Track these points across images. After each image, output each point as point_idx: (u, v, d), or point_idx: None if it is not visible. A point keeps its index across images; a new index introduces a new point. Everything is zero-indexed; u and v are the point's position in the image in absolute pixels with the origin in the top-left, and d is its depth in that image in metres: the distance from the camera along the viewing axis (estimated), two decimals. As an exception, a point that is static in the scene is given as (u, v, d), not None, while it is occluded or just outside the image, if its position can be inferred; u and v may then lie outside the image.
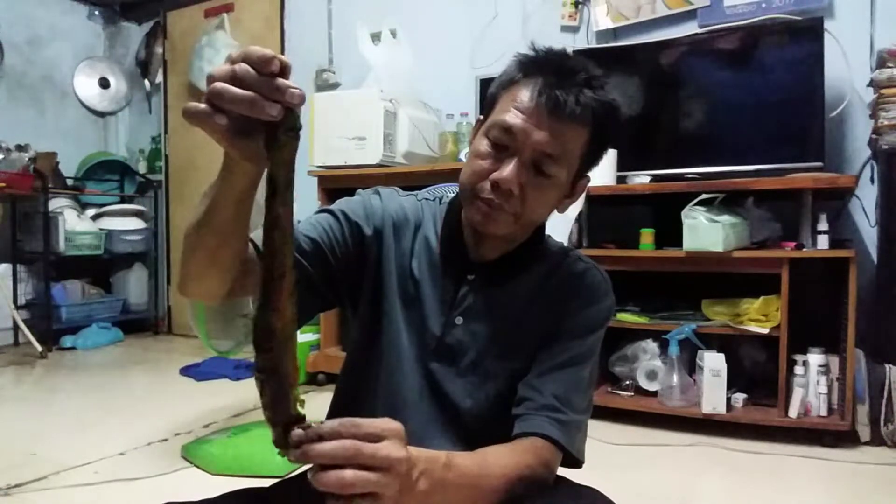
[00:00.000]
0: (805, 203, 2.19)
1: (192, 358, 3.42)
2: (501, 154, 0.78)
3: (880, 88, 2.16)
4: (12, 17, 4.10)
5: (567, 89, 0.75)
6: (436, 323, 0.86)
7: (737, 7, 2.62)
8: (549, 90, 0.75)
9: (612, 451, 2.09)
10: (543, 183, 0.78)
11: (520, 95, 0.77)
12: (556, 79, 0.76)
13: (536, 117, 0.76)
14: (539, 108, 0.75)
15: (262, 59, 0.53)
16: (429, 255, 0.88)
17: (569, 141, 0.77)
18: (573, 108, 0.75)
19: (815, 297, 2.30)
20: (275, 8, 3.88)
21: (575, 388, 0.84)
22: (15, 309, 3.69)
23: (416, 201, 0.93)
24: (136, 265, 4.39)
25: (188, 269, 0.71)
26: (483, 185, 0.78)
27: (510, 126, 0.76)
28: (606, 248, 2.46)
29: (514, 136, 0.76)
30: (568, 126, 0.76)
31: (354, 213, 0.86)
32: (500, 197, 0.77)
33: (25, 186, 3.69)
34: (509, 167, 0.76)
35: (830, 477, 1.90)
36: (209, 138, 0.56)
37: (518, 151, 0.77)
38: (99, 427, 2.36)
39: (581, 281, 0.88)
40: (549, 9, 3.04)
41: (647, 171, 2.54)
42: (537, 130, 0.76)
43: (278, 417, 0.55)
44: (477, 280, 0.86)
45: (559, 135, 0.76)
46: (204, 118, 0.54)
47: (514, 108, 0.77)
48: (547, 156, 0.77)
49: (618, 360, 2.49)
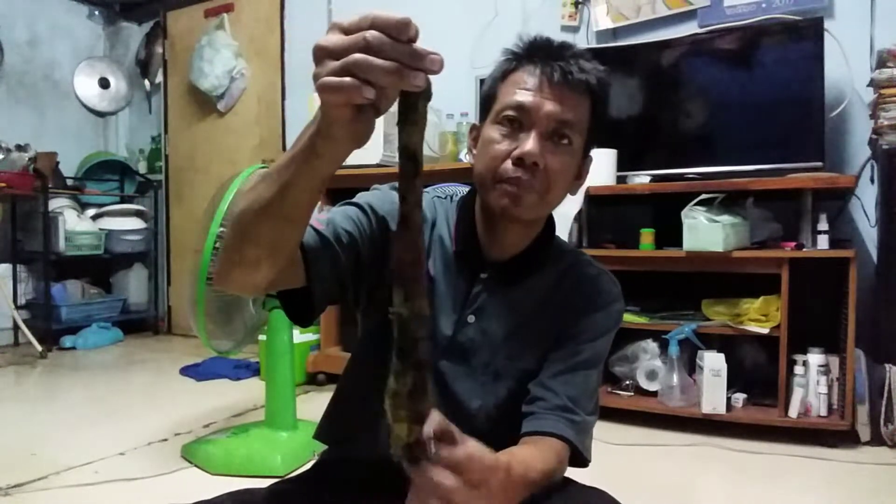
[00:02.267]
0: (805, 203, 2.20)
1: (192, 358, 3.43)
2: (516, 133, 0.79)
3: (880, 88, 2.16)
4: (12, 17, 4.11)
5: (565, 62, 0.78)
6: (448, 322, 0.86)
7: (737, 7, 2.62)
8: (549, 65, 0.78)
9: (612, 451, 2.09)
10: (564, 150, 0.80)
11: (521, 77, 0.79)
12: (552, 57, 0.79)
13: (545, 90, 0.78)
14: (544, 82, 0.78)
15: (401, 26, 0.49)
16: (443, 253, 0.88)
17: (577, 108, 0.79)
18: (577, 77, 0.78)
19: (815, 297, 2.30)
20: (275, 8, 3.88)
21: (585, 391, 0.85)
22: (15, 309, 3.69)
23: (430, 199, 0.92)
24: (136, 265, 4.39)
25: (242, 256, 0.66)
26: (505, 167, 0.78)
27: (521, 103, 0.78)
28: (606, 248, 2.46)
29: (527, 111, 0.78)
30: (574, 94, 0.79)
31: (381, 208, 0.84)
32: (526, 173, 0.78)
33: (25, 186, 3.69)
34: (530, 139, 0.77)
35: (830, 477, 1.90)
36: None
37: (533, 124, 0.78)
38: (99, 427, 2.36)
39: (594, 286, 0.89)
40: (549, 9, 3.04)
41: (647, 171, 2.54)
42: (549, 101, 0.78)
43: (412, 412, 0.54)
44: (490, 279, 0.86)
45: (569, 102, 0.78)
46: (352, 91, 0.49)
47: (519, 89, 0.79)
48: (563, 122, 0.78)
49: (618, 360, 2.49)
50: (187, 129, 4.30)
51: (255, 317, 2.11)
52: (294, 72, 3.82)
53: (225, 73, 3.96)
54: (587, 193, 2.39)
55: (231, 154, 4.05)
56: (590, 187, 2.37)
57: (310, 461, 1.78)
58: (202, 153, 4.21)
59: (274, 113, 3.90)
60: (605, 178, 2.43)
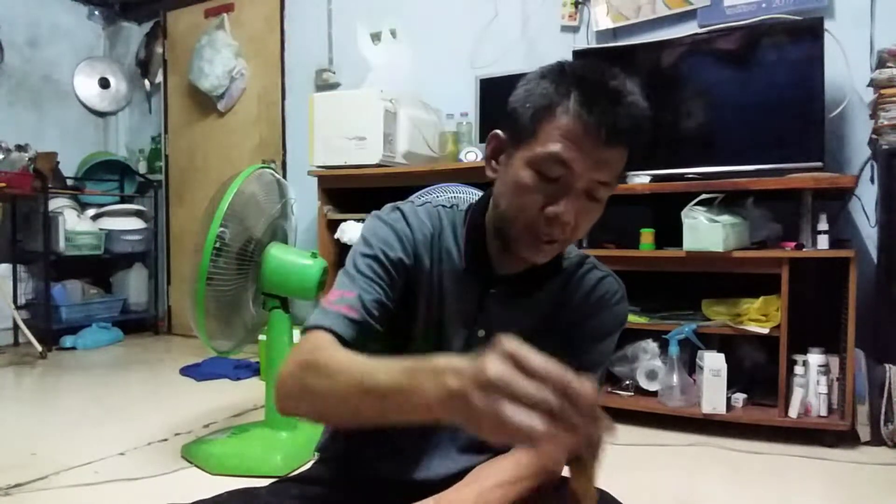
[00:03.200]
0: (805, 203, 2.19)
1: (192, 358, 3.43)
2: (551, 186, 0.75)
3: (880, 88, 2.16)
4: (12, 17, 4.10)
5: (613, 112, 0.72)
6: (458, 337, 0.86)
7: (737, 7, 2.62)
8: (596, 117, 0.71)
9: (613, 451, 2.09)
10: (594, 207, 0.78)
11: (566, 124, 0.72)
12: (600, 102, 0.72)
13: (588, 147, 0.72)
14: (589, 138, 0.72)
15: (588, 403, 0.47)
16: (452, 268, 0.87)
17: (617, 163, 0.76)
18: (621, 134, 0.72)
19: (815, 297, 2.30)
20: (275, 8, 3.88)
21: None
22: (15, 309, 3.69)
23: (433, 209, 0.90)
24: (136, 265, 4.39)
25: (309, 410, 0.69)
26: (538, 221, 0.76)
27: (565, 160, 0.73)
28: (606, 248, 2.46)
29: (569, 169, 0.73)
30: (616, 150, 0.74)
31: (393, 249, 0.83)
32: (558, 231, 0.76)
33: (25, 186, 3.69)
34: (568, 202, 0.74)
35: (830, 477, 1.90)
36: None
37: (572, 185, 0.74)
38: (99, 427, 2.36)
39: (598, 289, 0.90)
40: (549, 9, 3.03)
41: (647, 171, 2.53)
42: (591, 161, 0.73)
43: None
44: (500, 293, 0.86)
45: (610, 160, 0.74)
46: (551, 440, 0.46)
47: (562, 139, 0.73)
48: (602, 184, 0.75)
49: (618, 360, 2.49)
50: (187, 129, 4.30)
51: (255, 317, 2.11)
52: (294, 72, 3.82)
53: (225, 73, 3.96)
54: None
55: (231, 154, 4.04)
56: (590, 187, 2.37)
57: (310, 461, 1.78)
58: (202, 153, 4.21)
59: (274, 113, 3.90)
60: (605, 178, 2.43)
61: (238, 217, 1.93)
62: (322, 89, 3.58)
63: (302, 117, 3.16)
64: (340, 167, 2.88)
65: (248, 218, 1.97)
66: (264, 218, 2.03)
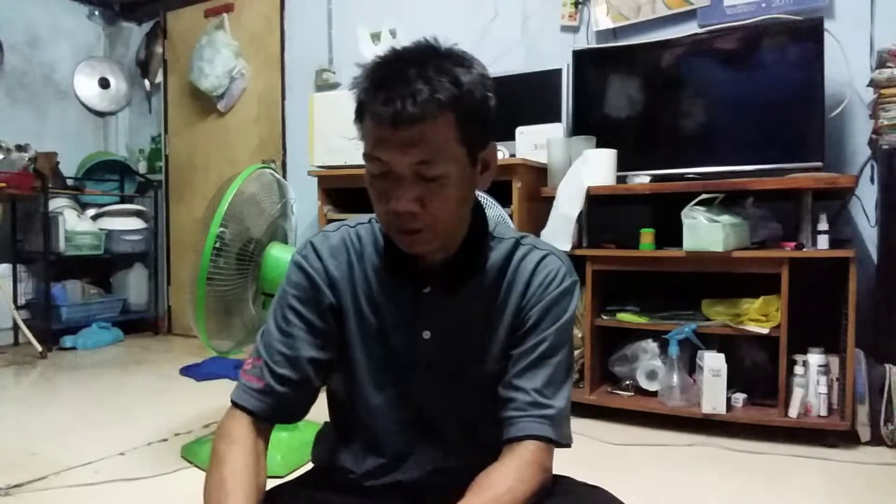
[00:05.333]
0: (805, 203, 2.19)
1: (192, 358, 3.43)
2: (384, 182, 0.76)
3: (880, 88, 2.16)
4: (12, 17, 4.10)
5: (403, 95, 0.71)
6: (403, 344, 0.86)
7: (737, 7, 2.62)
8: (387, 106, 0.71)
9: (612, 451, 2.09)
10: (436, 186, 0.75)
11: (371, 121, 0.75)
12: (391, 89, 0.72)
13: (391, 136, 0.73)
14: (388, 127, 0.72)
15: None
16: (378, 279, 0.87)
17: (434, 137, 0.73)
18: (413, 112, 0.71)
19: (815, 297, 2.29)
20: (275, 8, 3.88)
21: (554, 378, 0.83)
22: (15, 309, 3.69)
23: (350, 229, 0.91)
24: (136, 265, 4.39)
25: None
26: (391, 219, 0.78)
27: (377, 157, 0.75)
28: (606, 248, 2.45)
29: (385, 164, 0.75)
30: (421, 127, 0.72)
31: (306, 292, 0.86)
32: (409, 221, 0.76)
33: (25, 186, 3.69)
34: (398, 195, 0.75)
35: (830, 477, 1.90)
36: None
37: (395, 174, 0.75)
38: (99, 427, 2.36)
39: (540, 269, 0.86)
40: (549, 9, 3.03)
41: (647, 171, 2.53)
42: (397, 149, 0.73)
43: None
44: (434, 290, 0.85)
45: (420, 139, 0.72)
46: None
47: (372, 136, 0.75)
48: (422, 163, 0.74)
49: (618, 360, 2.49)
50: (187, 129, 4.30)
51: (255, 317, 2.11)
52: (294, 72, 3.82)
53: (225, 72, 3.96)
54: (587, 193, 2.39)
55: (231, 154, 4.05)
56: (590, 187, 2.37)
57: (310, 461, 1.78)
58: (202, 153, 4.21)
59: (274, 113, 3.90)
60: (605, 178, 2.43)
61: (238, 217, 1.93)
62: (322, 89, 3.58)
63: (302, 117, 3.16)
64: (340, 167, 2.88)
65: (248, 218, 1.97)
66: (264, 218, 2.03)
